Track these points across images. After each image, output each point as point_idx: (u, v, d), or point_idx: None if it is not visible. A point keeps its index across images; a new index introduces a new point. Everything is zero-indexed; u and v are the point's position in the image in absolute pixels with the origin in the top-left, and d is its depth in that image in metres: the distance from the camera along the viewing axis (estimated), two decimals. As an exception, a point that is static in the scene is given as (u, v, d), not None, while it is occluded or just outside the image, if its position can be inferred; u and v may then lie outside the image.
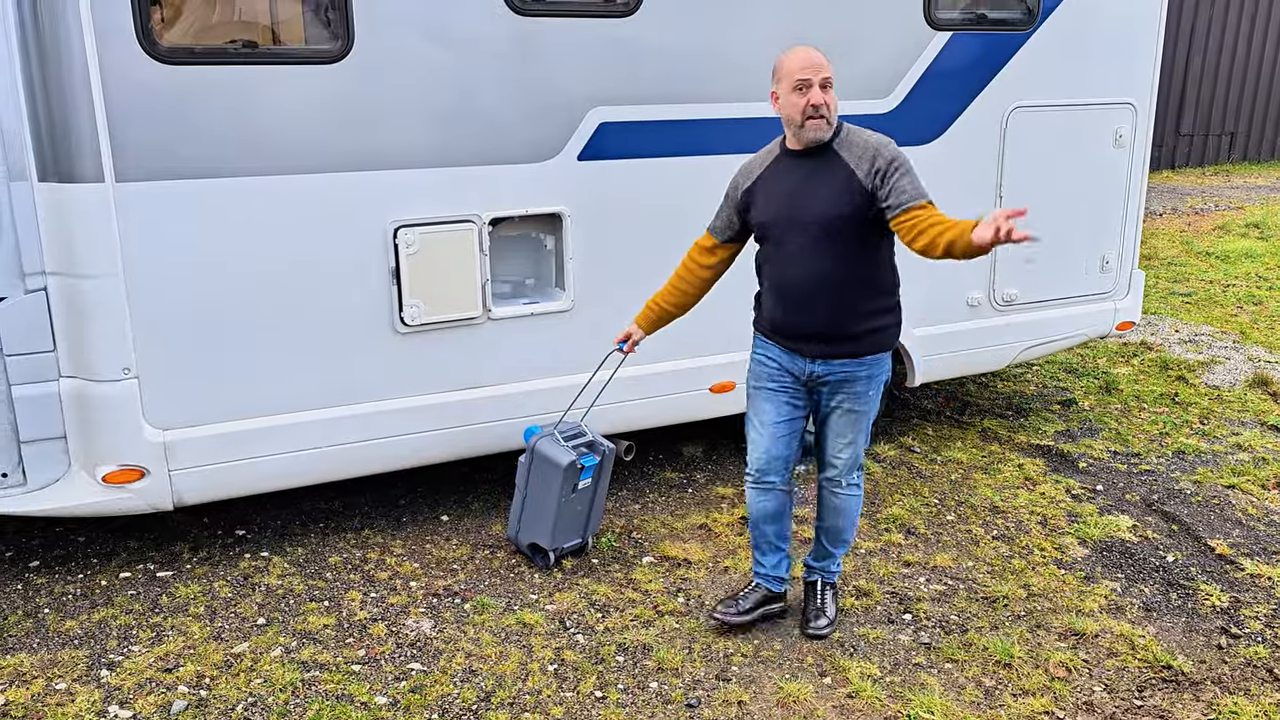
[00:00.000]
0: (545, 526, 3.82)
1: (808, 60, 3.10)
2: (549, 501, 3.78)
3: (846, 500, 3.45)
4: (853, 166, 3.12)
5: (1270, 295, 8.02)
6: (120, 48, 3.31)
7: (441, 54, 3.74)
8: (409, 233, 3.80)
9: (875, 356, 3.28)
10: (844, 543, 3.53)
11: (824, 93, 3.09)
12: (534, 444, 3.83)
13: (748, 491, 3.48)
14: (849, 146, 3.16)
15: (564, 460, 3.73)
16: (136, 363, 3.52)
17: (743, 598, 3.55)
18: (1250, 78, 14.55)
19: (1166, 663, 3.37)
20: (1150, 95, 5.15)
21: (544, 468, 3.78)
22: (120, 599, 3.64)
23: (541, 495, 3.80)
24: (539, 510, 3.83)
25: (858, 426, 3.35)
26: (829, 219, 3.12)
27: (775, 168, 3.25)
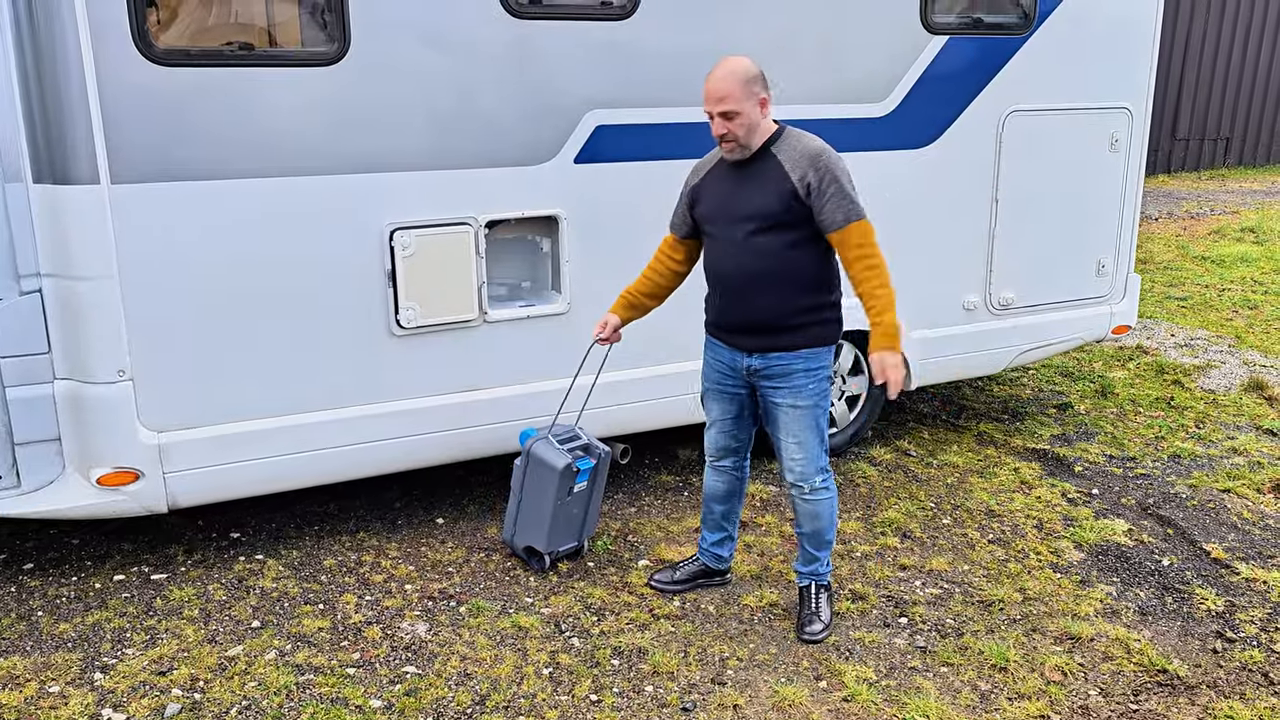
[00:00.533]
0: (541, 530, 3.81)
1: (709, 91, 3.16)
2: (544, 505, 3.77)
3: (817, 504, 3.45)
4: (787, 169, 3.19)
5: (1265, 300, 8.03)
6: (116, 49, 3.30)
7: (438, 56, 3.74)
8: (405, 235, 3.79)
9: (812, 350, 3.31)
10: (827, 544, 3.53)
11: (727, 121, 3.16)
12: (529, 447, 3.82)
13: (705, 471, 3.68)
14: (786, 150, 3.22)
15: (559, 464, 3.72)
16: (131, 365, 3.51)
17: (680, 568, 3.80)
18: (1245, 83, 14.58)
19: (1162, 667, 3.37)
20: (1146, 100, 5.16)
21: (539, 471, 3.77)
22: (114, 601, 3.63)
23: (537, 498, 3.79)
24: (534, 513, 3.81)
25: (804, 424, 3.35)
26: (761, 217, 3.22)
27: (718, 168, 3.35)
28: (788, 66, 4.33)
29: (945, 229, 4.86)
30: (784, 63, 4.32)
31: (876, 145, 4.63)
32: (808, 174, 3.16)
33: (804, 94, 4.39)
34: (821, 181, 3.16)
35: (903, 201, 4.72)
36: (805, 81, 4.39)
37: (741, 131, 3.17)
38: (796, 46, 4.35)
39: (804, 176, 3.17)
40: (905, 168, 4.70)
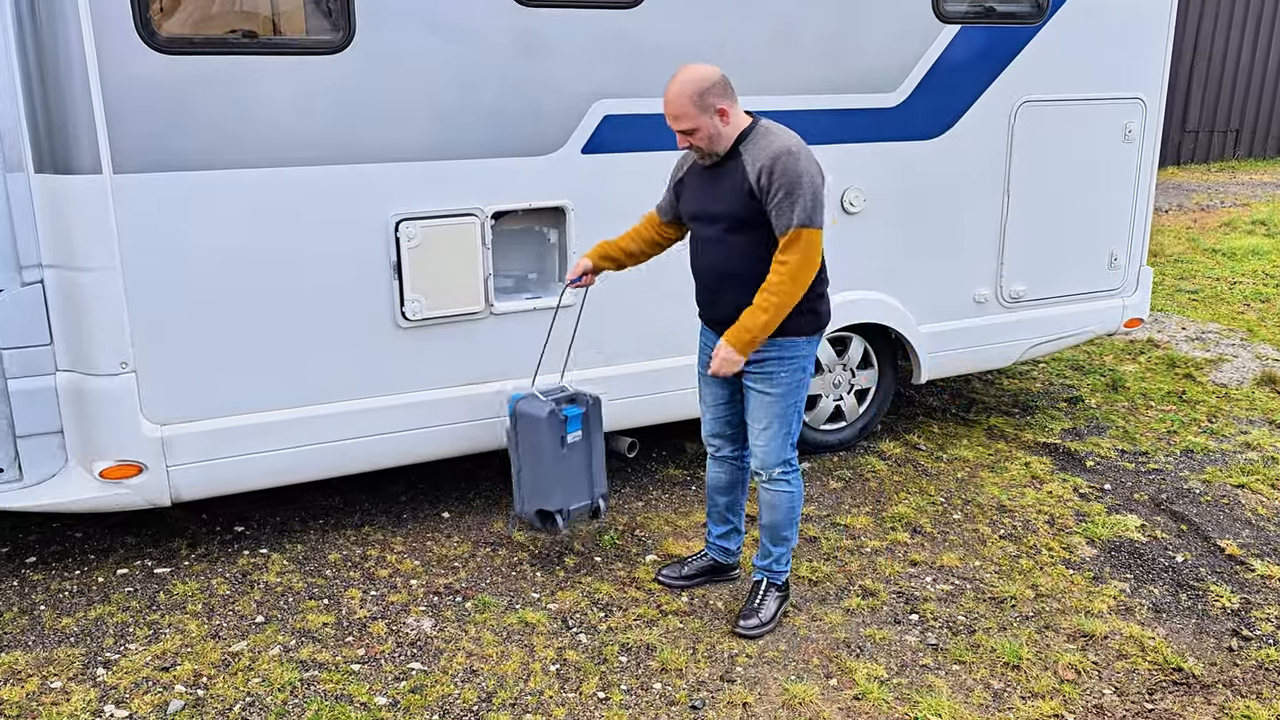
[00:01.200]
0: (546, 488, 3.72)
1: (665, 104, 3.13)
2: (543, 460, 3.69)
3: (774, 495, 3.42)
4: (748, 169, 3.14)
5: (1277, 293, 7.97)
6: (118, 37, 3.25)
7: (444, 45, 3.69)
8: (410, 226, 3.75)
9: (788, 339, 3.27)
10: (783, 540, 3.48)
11: (688, 136, 3.14)
12: (515, 408, 3.75)
13: (706, 462, 3.67)
14: (752, 149, 3.15)
15: (543, 412, 3.66)
16: (134, 357, 3.47)
17: (688, 563, 3.77)
18: (1256, 74, 14.48)
19: (1177, 665, 3.33)
20: (1160, 90, 5.10)
21: (528, 426, 3.70)
22: (117, 596, 3.60)
23: (534, 457, 3.72)
24: (535, 473, 3.73)
25: (772, 413, 3.32)
26: (727, 218, 3.22)
27: (696, 165, 3.32)
28: (797, 56, 4.28)
29: (956, 221, 4.81)
30: (793, 52, 4.28)
31: (887, 136, 4.57)
32: (762, 175, 3.10)
33: (814, 84, 4.34)
34: (773, 184, 3.08)
35: (913, 193, 4.66)
36: (815, 71, 4.34)
37: (704, 143, 3.15)
38: (806, 35, 4.29)
39: (759, 178, 3.11)
40: (916, 159, 4.64)
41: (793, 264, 3.11)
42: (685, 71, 3.12)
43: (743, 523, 3.74)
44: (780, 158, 3.08)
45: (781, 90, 4.26)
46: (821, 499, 4.47)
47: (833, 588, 3.75)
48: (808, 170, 3.09)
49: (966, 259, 4.88)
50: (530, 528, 3.84)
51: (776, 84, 4.25)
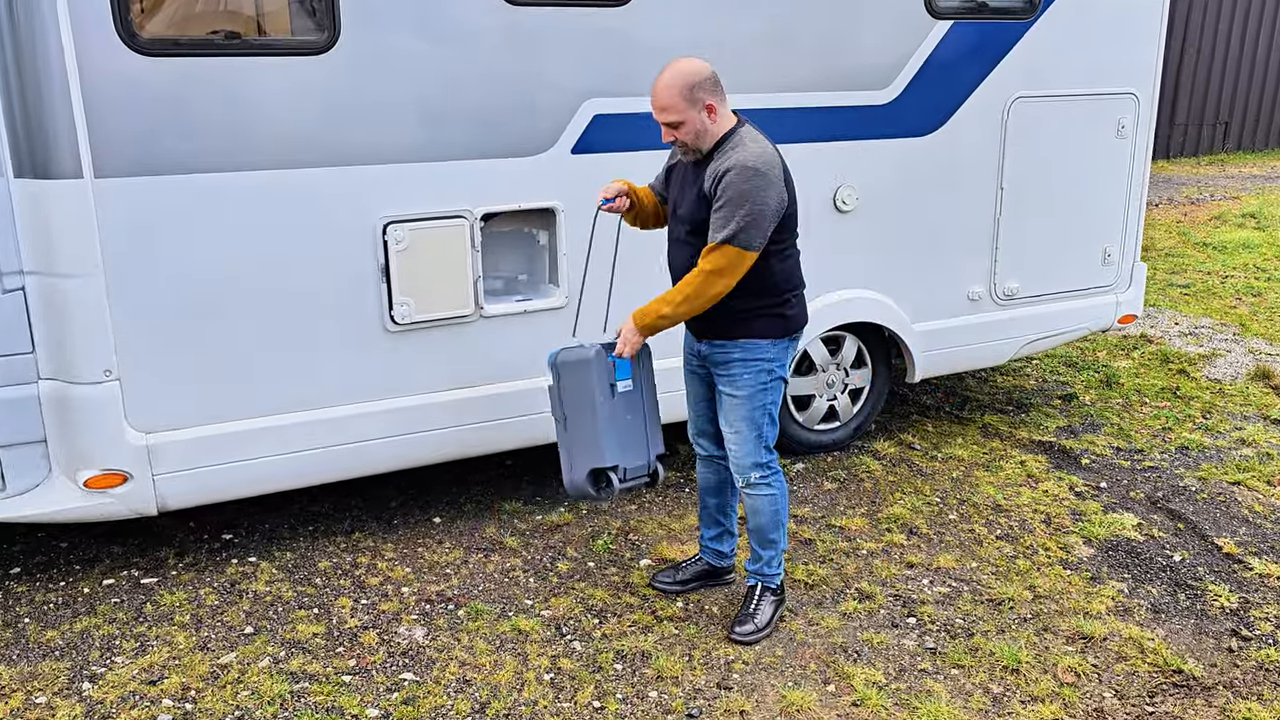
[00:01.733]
0: (598, 443, 3.32)
1: (654, 98, 3.10)
2: (591, 409, 3.31)
3: (754, 500, 3.38)
4: (707, 179, 3.12)
5: (1269, 287, 7.96)
6: (98, 38, 3.19)
7: (431, 44, 3.63)
8: (399, 229, 3.69)
9: (751, 341, 3.26)
10: (770, 544, 3.44)
11: (674, 130, 3.11)
12: (557, 359, 3.38)
13: (696, 464, 3.66)
14: (722, 155, 3.12)
15: (589, 353, 3.30)
16: (118, 364, 3.41)
17: (683, 568, 3.73)
18: (1245, 67, 14.49)
19: (1177, 667, 3.30)
20: (1153, 85, 5.07)
21: (573, 374, 3.32)
22: (103, 608, 3.54)
23: (581, 409, 3.33)
24: (584, 428, 3.33)
25: (739, 415, 3.30)
26: (689, 221, 3.22)
27: (680, 160, 3.31)
28: (788, 53, 4.24)
29: (949, 218, 4.77)
30: (784, 49, 4.23)
31: (880, 133, 4.53)
32: (717, 182, 3.07)
33: (805, 81, 4.29)
34: (720, 193, 3.06)
35: (906, 191, 4.63)
36: (807, 68, 4.29)
37: (689, 138, 3.11)
38: (797, 32, 4.24)
39: (713, 183, 3.09)
40: (909, 156, 4.60)
41: (705, 272, 3.10)
42: (676, 64, 3.09)
43: (734, 525, 3.70)
44: (737, 170, 3.03)
45: (773, 88, 4.22)
46: (816, 500, 4.43)
47: (829, 591, 3.71)
48: (758, 191, 3.03)
49: (960, 256, 4.85)
50: (585, 497, 3.40)
51: (768, 82, 4.20)
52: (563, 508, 4.32)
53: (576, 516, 4.25)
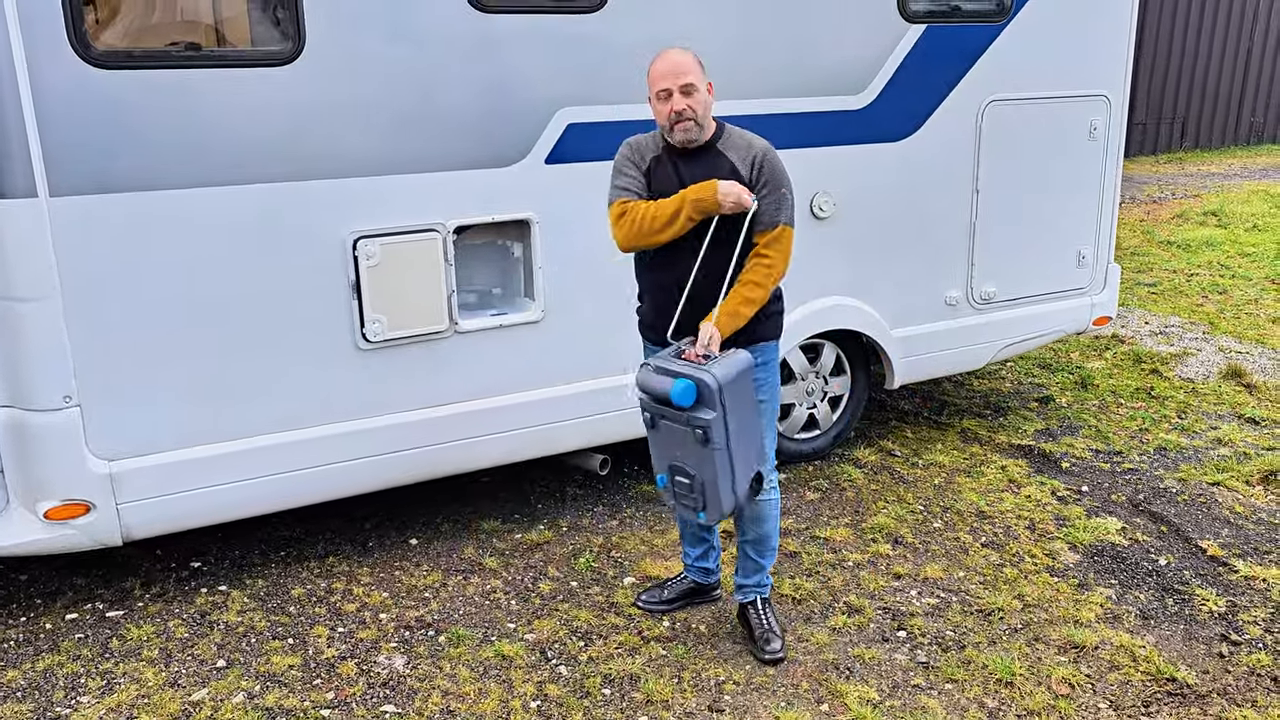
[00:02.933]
0: (758, 443, 3.09)
1: (668, 67, 3.02)
2: (755, 413, 3.05)
3: (762, 507, 3.32)
4: (736, 163, 3.09)
5: (1234, 284, 8.03)
6: (51, 51, 3.06)
7: (400, 54, 3.53)
8: (369, 243, 3.58)
9: (765, 343, 3.21)
10: (772, 551, 3.41)
11: (686, 98, 3.01)
12: (719, 384, 2.88)
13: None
14: (733, 147, 3.12)
15: (746, 362, 2.99)
16: (78, 390, 3.28)
17: (669, 587, 3.64)
18: (1200, 64, 14.69)
19: (1170, 675, 3.27)
20: (1124, 87, 5.07)
21: (738, 388, 2.94)
22: (67, 644, 3.39)
23: (747, 418, 3.00)
24: (751, 436, 3.03)
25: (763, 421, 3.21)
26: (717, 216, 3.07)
27: (662, 159, 3.16)
28: (762, 58, 4.18)
29: (926, 223, 4.74)
30: (758, 54, 4.17)
31: (855, 139, 4.49)
32: (754, 169, 3.07)
33: (779, 87, 4.24)
34: (762, 178, 3.08)
35: (882, 196, 4.58)
36: (780, 74, 4.24)
37: (700, 109, 3.04)
38: (771, 37, 4.19)
39: (750, 171, 3.08)
40: (884, 161, 4.56)
41: (775, 260, 3.10)
42: (673, 48, 3.07)
43: (718, 538, 3.63)
44: (768, 154, 3.11)
45: (748, 94, 4.15)
46: (799, 511, 4.37)
47: (817, 606, 3.65)
48: (786, 172, 3.14)
49: (937, 261, 4.82)
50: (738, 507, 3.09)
51: (743, 88, 4.13)
52: (542, 525, 4.23)
53: (557, 534, 4.16)
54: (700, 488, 3.00)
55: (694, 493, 3.02)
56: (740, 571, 3.45)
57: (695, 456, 2.97)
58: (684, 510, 3.13)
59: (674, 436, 3.00)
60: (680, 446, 3.00)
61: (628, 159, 3.19)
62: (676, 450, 3.02)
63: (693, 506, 3.06)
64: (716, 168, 3.09)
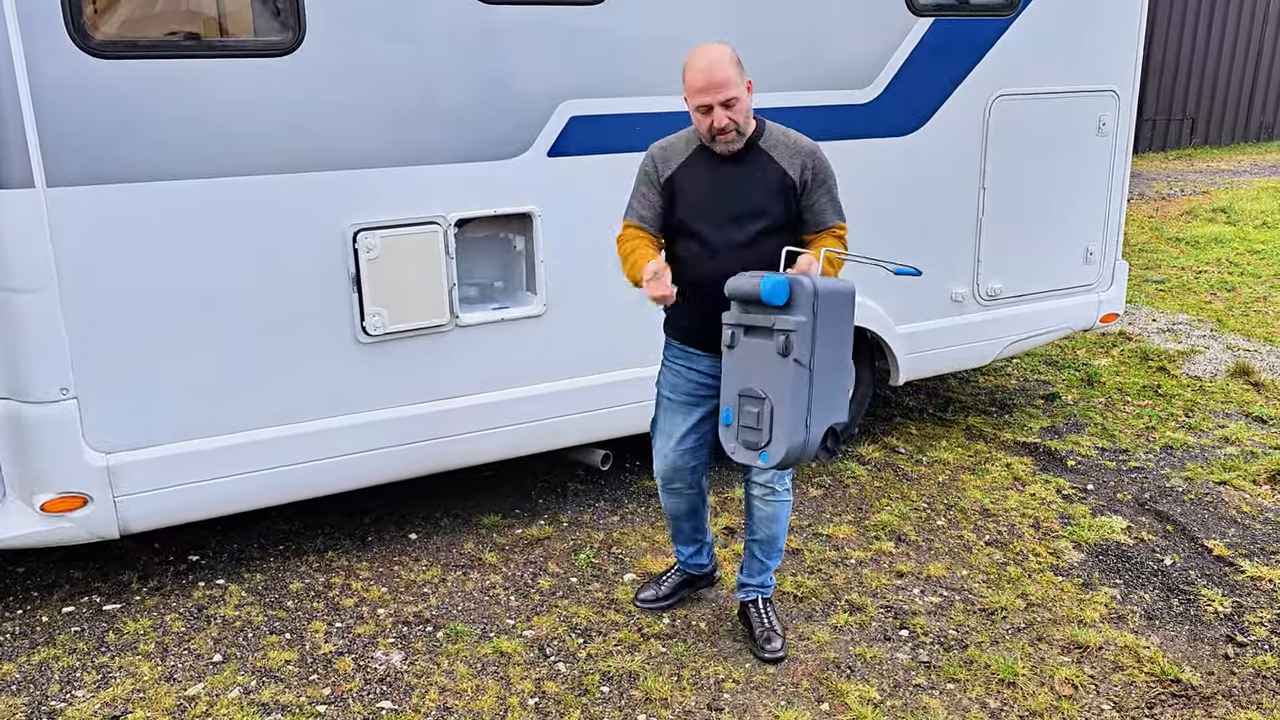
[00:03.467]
0: (842, 392, 2.87)
1: (706, 81, 2.86)
2: (844, 353, 2.85)
3: (776, 507, 3.28)
4: (784, 166, 3.01)
5: (1242, 281, 7.97)
6: (49, 40, 3.03)
7: (401, 45, 3.50)
8: (369, 236, 3.56)
9: None
10: (779, 553, 3.37)
11: (727, 110, 2.89)
12: (816, 287, 2.71)
13: (661, 495, 3.43)
14: (777, 145, 3.03)
15: (848, 286, 2.84)
16: (75, 382, 3.25)
17: (664, 583, 3.58)
18: (1210, 61, 14.60)
19: (1175, 676, 3.23)
20: (1133, 82, 5.02)
21: (834, 307, 2.76)
22: (63, 637, 3.37)
23: (836, 351, 2.80)
24: (833, 377, 2.81)
25: None
26: (769, 215, 3.01)
27: (695, 160, 3.03)
28: (768, 51, 4.13)
29: (932, 218, 4.69)
30: (764, 47, 4.12)
31: (861, 133, 4.44)
32: (805, 170, 3.01)
33: (785, 80, 4.19)
34: (816, 177, 3.03)
35: (888, 191, 4.54)
36: (786, 67, 4.19)
37: (742, 119, 2.93)
38: (777, 30, 4.14)
39: (802, 173, 3.01)
40: (891, 156, 4.52)
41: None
42: (708, 45, 2.93)
43: (709, 533, 3.56)
44: (817, 154, 3.05)
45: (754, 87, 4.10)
46: (802, 508, 4.33)
47: (819, 604, 3.62)
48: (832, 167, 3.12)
49: (943, 257, 4.77)
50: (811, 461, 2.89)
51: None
52: (543, 520, 4.20)
53: (557, 530, 4.13)
54: (769, 416, 2.73)
55: (760, 425, 2.76)
56: (744, 570, 3.41)
57: (773, 375, 2.72)
58: (744, 454, 2.85)
59: (752, 355, 2.76)
60: (757, 367, 2.75)
61: (647, 175, 3.08)
62: (752, 373, 2.77)
63: (757, 445, 2.79)
64: (761, 170, 2.99)
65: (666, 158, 3.07)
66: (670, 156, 3.07)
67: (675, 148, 3.08)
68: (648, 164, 3.10)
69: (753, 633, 3.35)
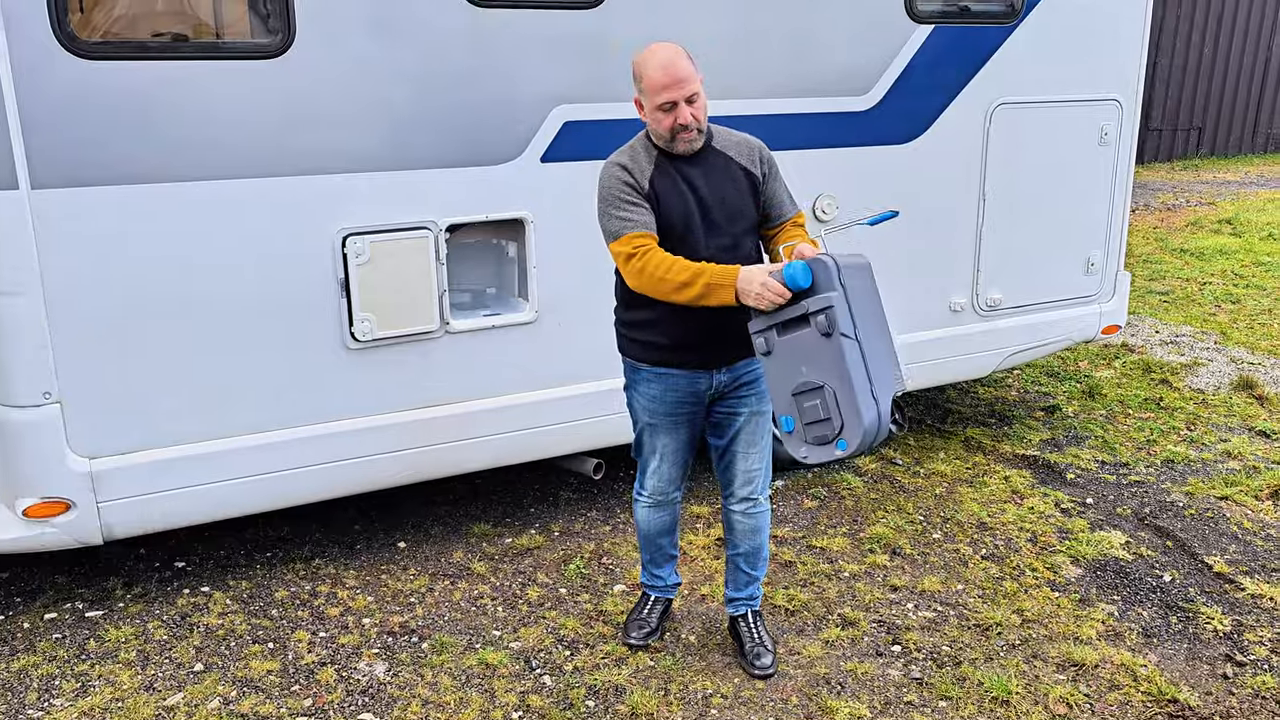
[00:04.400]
0: (893, 364, 2.76)
1: (671, 77, 2.76)
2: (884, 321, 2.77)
3: (759, 518, 3.24)
4: (744, 163, 2.98)
5: (1247, 294, 7.91)
6: (33, 41, 3.00)
7: (392, 48, 3.46)
8: (359, 241, 3.52)
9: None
10: (764, 561, 3.32)
11: (691, 107, 2.81)
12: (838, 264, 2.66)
13: (643, 513, 3.34)
14: (729, 145, 3.00)
15: (863, 259, 2.76)
16: (59, 386, 3.22)
17: (647, 618, 3.43)
18: (1218, 73, 14.54)
19: (1172, 696, 3.17)
20: (1136, 91, 4.97)
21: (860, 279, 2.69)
22: (43, 644, 3.33)
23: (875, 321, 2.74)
24: (882, 345, 2.74)
25: (763, 429, 3.16)
26: (746, 215, 2.97)
27: (664, 168, 2.90)
28: (764, 58, 4.10)
29: (932, 227, 4.64)
30: (760, 53, 4.09)
31: (860, 140, 4.40)
32: (761, 164, 3.00)
33: (783, 87, 4.15)
34: (771, 169, 3.03)
35: (887, 199, 4.47)
36: (783, 73, 4.15)
37: (703, 115, 2.88)
38: (773, 36, 4.10)
39: (760, 166, 3.00)
40: (890, 163, 4.47)
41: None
42: (659, 44, 2.86)
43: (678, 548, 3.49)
44: (763, 145, 3.02)
45: (750, 94, 4.07)
46: (796, 520, 4.28)
47: (810, 617, 3.57)
48: None
49: (942, 266, 4.72)
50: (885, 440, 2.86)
51: (746, 87, 4.06)
52: (534, 529, 4.15)
53: (548, 539, 4.08)
54: (834, 401, 2.61)
55: (827, 414, 2.63)
56: (731, 584, 3.36)
57: (823, 360, 2.62)
58: (818, 452, 2.70)
59: (794, 350, 2.67)
60: (805, 359, 2.65)
61: (626, 185, 2.88)
62: (801, 367, 2.66)
63: (829, 437, 2.65)
64: (726, 171, 2.94)
65: (637, 168, 2.90)
66: (639, 166, 2.90)
67: (638, 158, 2.92)
68: (622, 175, 2.89)
69: (743, 647, 3.30)
